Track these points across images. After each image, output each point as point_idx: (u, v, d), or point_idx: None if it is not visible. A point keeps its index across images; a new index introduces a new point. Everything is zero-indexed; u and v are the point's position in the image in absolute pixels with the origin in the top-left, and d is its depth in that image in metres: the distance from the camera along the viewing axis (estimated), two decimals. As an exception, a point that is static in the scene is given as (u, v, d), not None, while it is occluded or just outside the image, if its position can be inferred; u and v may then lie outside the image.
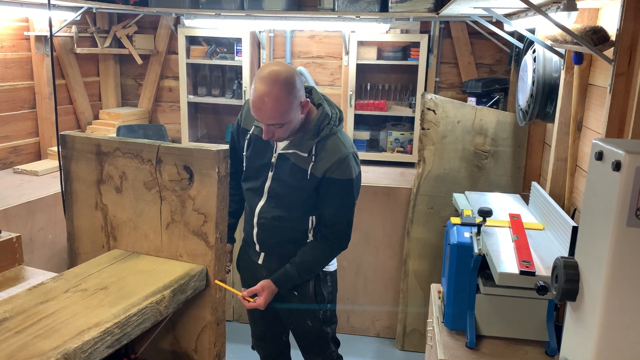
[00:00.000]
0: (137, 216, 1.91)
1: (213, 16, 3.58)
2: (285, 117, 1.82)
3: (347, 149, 1.94)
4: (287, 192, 1.99)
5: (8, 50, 3.47)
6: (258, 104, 1.80)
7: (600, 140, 1.07)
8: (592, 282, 1.07)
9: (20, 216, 2.86)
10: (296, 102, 1.83)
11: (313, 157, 1.92)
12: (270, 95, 1.77)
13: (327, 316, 2.19)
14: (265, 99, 1.78)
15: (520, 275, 1.76)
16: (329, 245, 2.04)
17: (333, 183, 1.92)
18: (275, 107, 1.78)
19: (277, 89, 1.77)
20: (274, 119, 1.81)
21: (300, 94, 1.85)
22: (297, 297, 2.12)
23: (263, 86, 1.78)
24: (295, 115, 1.85)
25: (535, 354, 2.02)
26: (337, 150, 1.91)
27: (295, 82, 1.82)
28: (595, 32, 1.85)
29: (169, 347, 1.91)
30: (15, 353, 1.26)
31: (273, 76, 1.78)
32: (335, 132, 1.95)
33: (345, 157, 1.91)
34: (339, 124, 1.98)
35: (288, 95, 1.79)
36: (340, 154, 1.91)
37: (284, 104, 1.78)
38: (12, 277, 2.02)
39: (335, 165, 1.90)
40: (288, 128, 1.86)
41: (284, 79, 1.78)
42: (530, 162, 3.20)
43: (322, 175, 1.91)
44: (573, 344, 1.16)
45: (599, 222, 1.05)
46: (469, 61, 3.77)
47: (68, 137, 1.98)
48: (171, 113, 4.38)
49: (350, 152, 1.94)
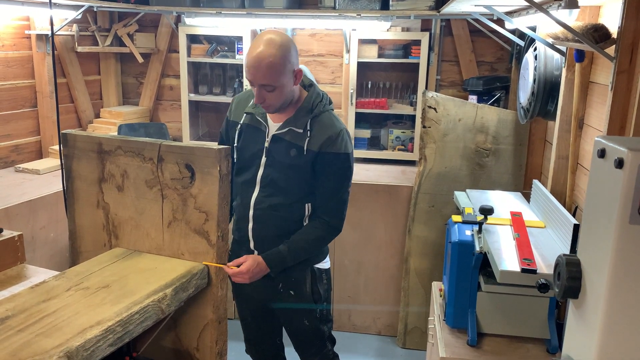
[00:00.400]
0: (139, 214, 1.91)
1: (214, 14, 3.57)
2: (278, 79, 1.85)
3: (341, 125, 1.98)
4: (283, 175, 1.98)
5: (9, 49, 3.47)
6: (254, 62, 1.84)
7: (603, 138, 1.07)
8: (595, 280, 1.07)
9: (22, 215, 2.86)
10: (290, 67, 1.87)
11: (308, 133, 1.94)
12: (266, 55, 1.82)
13: (323, 315, 2.16)
14: (261, 58, 1.83)
15: (521, 273, 1.76)
16: (322, 225, 2.01)
17: (330, 158, 1.94)
18: (270, 66, 1.83)
19: (274, 50, 1.83)
20: (268, 78, 1.84)
21: (295, 61, 1.90)
22: (294, 296, 2.09)
23: (260, 47, 1.84)
24: (287, 82, 1.88)
25: (536, 351, 2.02)
26: (332, 125, 1.95)
27: (291, 49, 1.88)
28: (596, 30, 1.85)
29: (170, 345, 1.92)
30: (18, 351, 1.26)
31: (270, 39, 1.84)
32: (328, 109, 2.00)
33: (340, 131, 1.95)
34: (330, 105, 2.04)
35: (282, 58, 1.84)
36: (335, 128, 1.95)
37: (278, 65, 1.83)
38: (14, 275, 2.02)
39: (331, 139, 1.93)
40: (279, 95, 1.89)
41: (280, 43, 1.85)
42: (532, 160, 3.19)
43: (318, 150, 1.93)
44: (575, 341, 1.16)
45: (602, 219, 1.05)
46: (470, 59, 3.77)
47: (69, 135, 1.98)
48: (172, 111, 4.38)
49: (344, 128, 1.98)
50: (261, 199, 2.02)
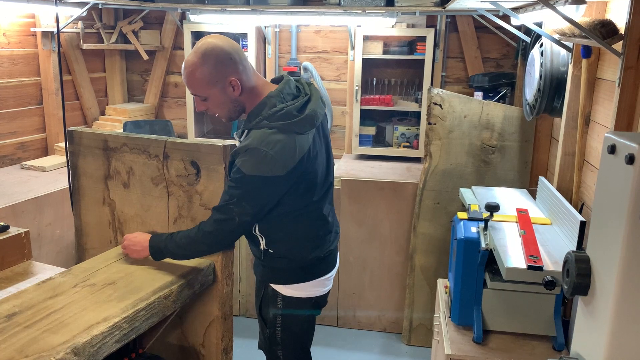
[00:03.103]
0: (145, 211, 1.91)
1: (219, 11, 3.57)
2: (201, 90, 1.75)
3: (259, 144, 1.68)
4: None
5: (15, 47, 3.47)
6: (182, 70, 1.78)
7: (612, 134, 1.06)
8: (604, 277, 1.06)
9: (28, 212, 2.87)
10: (215, 77, 1.73)
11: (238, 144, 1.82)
12: (188, 64, 1.74)
13: (274, 338, 1.99)
14: (184, 67, 1.76)
15: (527, 270, 1.75)
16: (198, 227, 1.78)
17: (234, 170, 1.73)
18: (190, 76, 1.74)
19: (196, 59, 1.73)
20: (192, 88, 1.77)
21: (225, 71, 1.74)
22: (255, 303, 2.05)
23: (189, 55, 1.77)
24: (218, 93, 1.76)
25: (542, 349, 2.02)
26: (250, 140, 1.71)
27: (220, 58, 1.73)
28: (603, 26, 1.83)
29: (176, 341, 1.92)
30: (25, 347, 1.26)
31: (197, 48, 1.75)
32: (265, 126, 1.72)
33: (250, 149, 1.68)
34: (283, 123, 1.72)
35: (204, 68, 1.72)
36: (247, 143, 1.70)
37: (198, 74, 1.73)
38: (20, 272, 2.03)
39: (239, 151, 1.72)
40: (216, 105, 1.79)
41: (204, 51, 1.73)
42: (538, 157, 3.18)
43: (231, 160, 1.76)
44: (584, 338, 1.16)
45: (611, 215, 1.04)
46: (476, 55, 3.75)
47: (75, 132, 1.99)
48: (177, 109, 4.38)
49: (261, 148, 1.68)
50: None
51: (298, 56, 4.01)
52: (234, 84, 1.75)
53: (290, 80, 1.86)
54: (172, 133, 4.11)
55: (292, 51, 3.99)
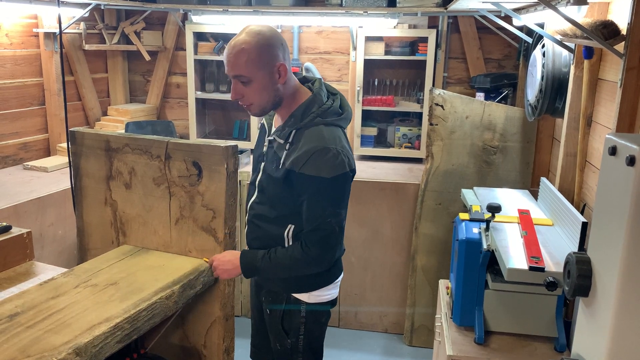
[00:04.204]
0: (147, 212, 1.91)
1: (220, 12, 3.58)
2: (249, 70, 1.65)
3: (327, 143, 1.65)
4: (267, 185, 1.82)
5: (17, 47, 3.48)
6: (228, 51, 1.68)
7: (614, 135, 1.06)
8: (605, 278, 1.06)
9: (31, 212, 2.88)
10: (268, 59, 1.66)
11: (288, 145, 1.72)
12: (239, 42, 1.65)
13: (296, 347, 1.91)
14: (233, 46, 1.67)
15: (529, 271, 1.75)
16: (301, 247, 1.74)
17: (303, 180, 1.67)
18: (240, 54, 1.64)
19: (249, 38, 1.65)
20: (240, 68, 1.66)
21: (278, 55, 1.68)
22: (269, 315, 1.93)
23: (237, 36, 1.68)
24: (265, 77, 1.68)
25: (544, 350, 2.02)
26: (312, 140, 1.66)
27: (272, 41, 1.68)
28: (605, 26, 1.83)
29: (178, 342, 1.92)
30: (27, 347, 1.27)
31: (250, 29, 1.68)
32: (320, 123, 1.70)
33: (319, 150, 1.64)
34: (335, 119, 1.74)
35: (258, 47, 1.65)
36: (313, 145, 1.65)
37: (252, 53, 1.64)
38: (23, 272, 2.04)
39: (304, 157, 1.65)
40: (257, 91, 1.69)
41: (258, 31, 1.67)
42: (539, 158, 3.18)
43: (290, 167, 1.68)
44: (585, 340, 1.16)
45: (613, 217, 1.04)
46: (478, 56, 3.75)
47: (77, 133, 1.99)
48: (179, 109, 4.39)
49: (331, 147, 1.65)
50: (253, 205, 1.89)
51: (300, 57, 4.02)
52: (282, 71, 1.69)
53: (321, 79, 1.85)
54: (174, 134, 4.12)
55: (293, 52, 4.00)
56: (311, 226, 1.71)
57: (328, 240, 1.73)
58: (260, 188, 1.86)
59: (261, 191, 1.86)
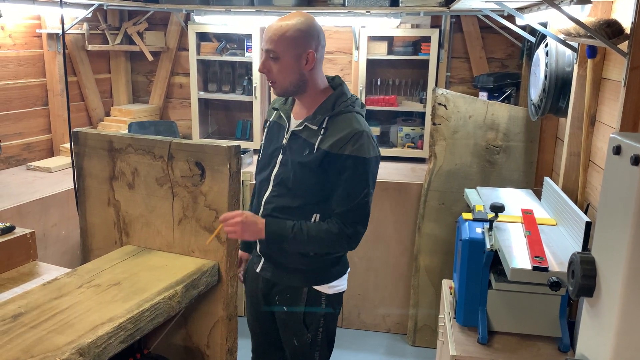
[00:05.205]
0: (150, 212, 1.92)
1: (223, 12, 3.58)
2: (283, 48, 1.77)
3: (362, 127, 1.80)
4: (292, 176, 1.85)
5: (21, 48, 3.49)
6: (268, 27, 1.81)
7: (618, 135, 1.06)
8: (610, 278, 1.05)
9: (34, 212, 2.89)
10: (300, 43, 1.78)
11: (322, 131, 1.82)
12: (281, 22, 1.80)
13: (316, 341, 1.97)
14: (276, 23, 1.80)
15: (532, 271, 1.74)
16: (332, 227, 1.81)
17: (342, 160, 1.77)
18: (278, 31, 1.78)
19: (290, 21, 1.79)
20: (273, 42, 1.77)
21: (309, 42, 1.80)
22: (286, 312, 1.96)
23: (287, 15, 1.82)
24: (293, 58, 1.79)
25: (547, 350, 2.01)
26: (349, 124, 1.80)
27: (310, 30, 1.80)
28: (609, 25, 1.83)
29: (181, 342, 1.92)
30: (31, 348, 1.27)
31: (295, 13, 1.82)
32: (352, 110, 1.84)
33: (357, 132, 1.78)
34: (360, 109, 1.89)
35: (295, 30, 1.77)
36: (352, 128, 1.78)
37: (287, 33, 1.77)
38: (26, 272, 2.04)
39: (345, 139, 1.77)
40: (283, 70, 1.80)
41: (300, 18, 1.80)
42: (543, 157, 3.17)
43: (329, 150, 1.78)
44: (590, 340, 1.15)
45: (617, 217, 1.03)
46: (481, 56, 3.75)
47: (80, 133, 1.99)
48: (182, 109, 4.39)
49: (364, 130, 1.80)
50: (270, 198, 1.92)
51: (302, 57, 4.01)
52: (310, 58, 1.81)
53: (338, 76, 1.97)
54: (177, 134, 4.12)
55: (296, 52, 3.99)
56: (348, 205, 1.80)
57: (365, 219, 1.84)
58: (277, 181, 1.90)
59: (279, 184, 1.90)
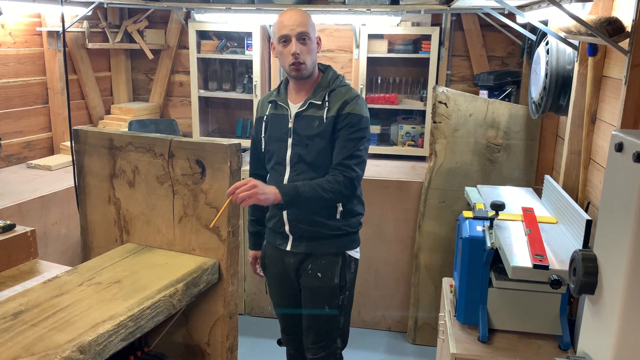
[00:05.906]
0: (150, 210, 1.92)
1: (223, 10, 3.57)
2: (311, 30, 2.04)
3: (356, 93, 2.11)
4: (308, 150, 2.05)
5: (21, 46, 3.49)
6: (290, 15, 2.02)
7: (620, 132, 1.05)
8: (612, 275, 1.05)
9: (34, 210, 2.89)
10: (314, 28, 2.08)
11: (326, 104, 2.06)
12: (292, 10, 2.05)
13: (344, 303, 2.19)
14: (295, 11, 2.05)
15: (533, 269, 1.74)
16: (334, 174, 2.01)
17: (347, 118, 2.02)
18: (306, 15, 2.04)
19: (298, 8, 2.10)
20: (305, 25, 2.01)
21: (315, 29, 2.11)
22: (320, 279, 2.12)
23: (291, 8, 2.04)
24: (314, 41, 2.07)
25: (548, 348, 2.01)
26: (347, 92, 2.09)
27: None
28: (610, 23, 1.82)
29: (181, 340, 1.93)
30: (31, 345, 1.27)
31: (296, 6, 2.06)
32: (345, 84, 2.14)
33: (354, 97, 2.07)
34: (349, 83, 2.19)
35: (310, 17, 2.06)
36: (350, 94, 2.08)
37: (310, 18, 2.06)
38: (27, 270, 2.04)
39: (346, 102, 2.05)
40: (310, 50, 2.05)
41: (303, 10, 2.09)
42: (543, 155, 3.17)
43: (336, 114, 2.03)
44: (591, 338, 1.15)
45: (619, 214, 1.03)
46: (481, 54, 3.74)
47: (81, 132, 1.99)
48: (182, 108, 4.39)
49: (359, 96, 2.11)
50: (293, 178, 2.07)
51: (303, 55, 4.01)
52: (319, 42, 2.13)
53: None
54: (177, 132, 4.12)
55: (296, 50, 3.99)
56: (347, 153, 2.02)
57: (362, 164, 2.06)
58: (295, 160, 2.08)
59: (297, 163, 2.07)
